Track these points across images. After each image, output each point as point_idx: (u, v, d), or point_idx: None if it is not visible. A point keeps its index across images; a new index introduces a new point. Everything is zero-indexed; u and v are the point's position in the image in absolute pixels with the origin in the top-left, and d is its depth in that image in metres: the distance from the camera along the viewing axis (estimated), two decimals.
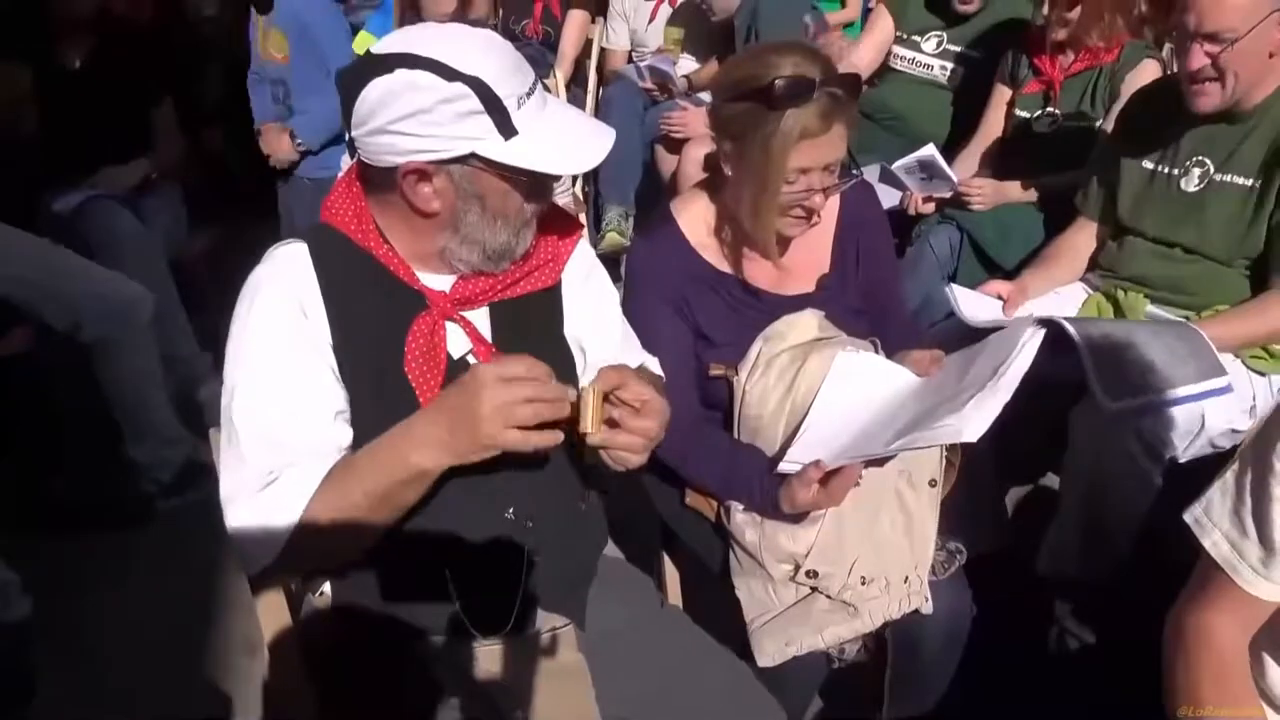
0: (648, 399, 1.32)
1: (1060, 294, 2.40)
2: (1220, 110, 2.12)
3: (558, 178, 1.38)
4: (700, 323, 1.76)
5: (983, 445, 2.24)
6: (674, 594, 1.98)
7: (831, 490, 1.54)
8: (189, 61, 4.11)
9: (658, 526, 1.93)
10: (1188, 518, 1.29)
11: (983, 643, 1.75)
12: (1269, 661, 1.31)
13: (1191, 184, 2.21)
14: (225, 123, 4.28)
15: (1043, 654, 1.85)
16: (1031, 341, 1.41)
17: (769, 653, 1.61)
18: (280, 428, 1.28)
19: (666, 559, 1.98)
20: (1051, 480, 2.49)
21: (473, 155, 1.26)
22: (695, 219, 1.79)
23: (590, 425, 1.27)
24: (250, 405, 1.29)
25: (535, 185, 1.32)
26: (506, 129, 1.25)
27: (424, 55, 1.23)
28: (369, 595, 1.41)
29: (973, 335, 2.06)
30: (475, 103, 1.22)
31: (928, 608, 1.64)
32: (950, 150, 3.07)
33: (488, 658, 1.41)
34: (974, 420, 1.39)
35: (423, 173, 1.27)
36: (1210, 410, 2.00)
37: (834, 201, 1.80)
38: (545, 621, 1.46)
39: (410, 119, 1.23)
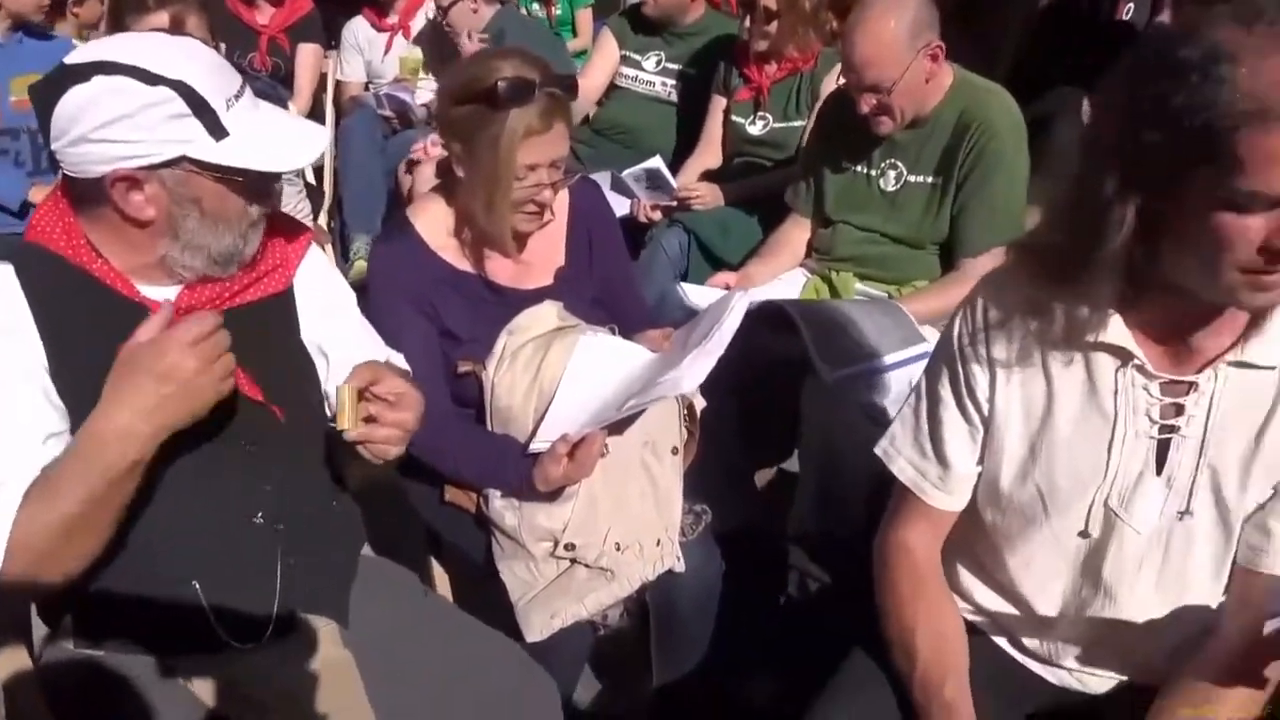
0: (402, 391, 1.36)
1: (783, 279, 2.62)
2: (896, 130, 2.41)
3: (276, 177, 1.39)
4: (445, 322, 1.81)
5: (731, 428, 2.44)
6: (444, 593, 2.01)
7: (579, 460, 1.62)
8: None
9: (421, 529, 1.95)
10: (878, 450, 1.47)
11: (735, 600, 1.89)
12: (959, 567, 1.50)
13: (890, 185, 2.49)
14: None
15: (786, 599, 2.02)
16: (739, 304, 1.55)
17: (536, 627, 1.67)
18: None
19: (434, 561, 2.01)
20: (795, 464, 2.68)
21: (183, 158, 1.25)
22: (433, 222, 1.84)
23: (347, 422, 1.30)
24: None
25: (254, 186, 1.32)
26: (216, 130, 1.24)
27: (123, 62, 1.21)
28: (115, 619, 1.36)
29: None
30: (182, 105, 1.22)
31: (680, 566, 1.76)
32: (679, 158, 3.29)
33: (250, 666, 1.40)
34: (690, 373, 1.51)
35: (133, 180, 1.24)
36: (918, 374, 2.24)
37: (564, 200, 1.90)
38: (308, 623, 1.46)
39: (114, 125, 1.20)
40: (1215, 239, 1.09)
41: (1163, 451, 1.30)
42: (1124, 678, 1.43)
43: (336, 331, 1.54)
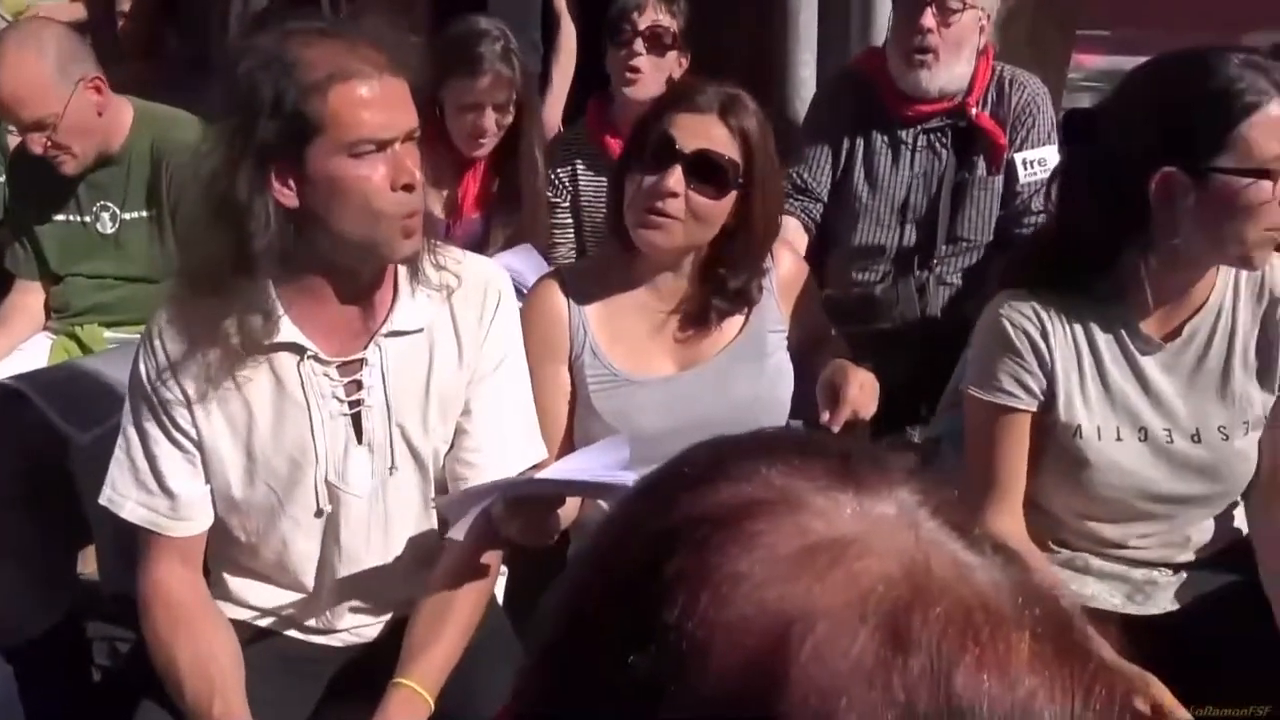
0: None
1: (24, 349, 2.47)
2: (81, 167, 2.35)
3: None
4: None
5: (22, 523, 2.26)
6: None
7: None
8: None
9: None
10: (103, 500, 1.49)
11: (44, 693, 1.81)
12: (230, 579, 1.58)
13: (107, 227, 2.46)
14: None
15: (101, 671, 1.97)
16: None
17: None
18: None
19: None
20: None
21: None
22: None
23: None
24: None
25: None
26: None
27: None
28: None
29: None
30: None
31: None
32: None
33: None
34: None
35: None
36: None
37: None
38: None
39: None
40: (352, 193, 1.34)
41: (359, 422, 1.50)
42: (387, 616, 1.63)
43: None
